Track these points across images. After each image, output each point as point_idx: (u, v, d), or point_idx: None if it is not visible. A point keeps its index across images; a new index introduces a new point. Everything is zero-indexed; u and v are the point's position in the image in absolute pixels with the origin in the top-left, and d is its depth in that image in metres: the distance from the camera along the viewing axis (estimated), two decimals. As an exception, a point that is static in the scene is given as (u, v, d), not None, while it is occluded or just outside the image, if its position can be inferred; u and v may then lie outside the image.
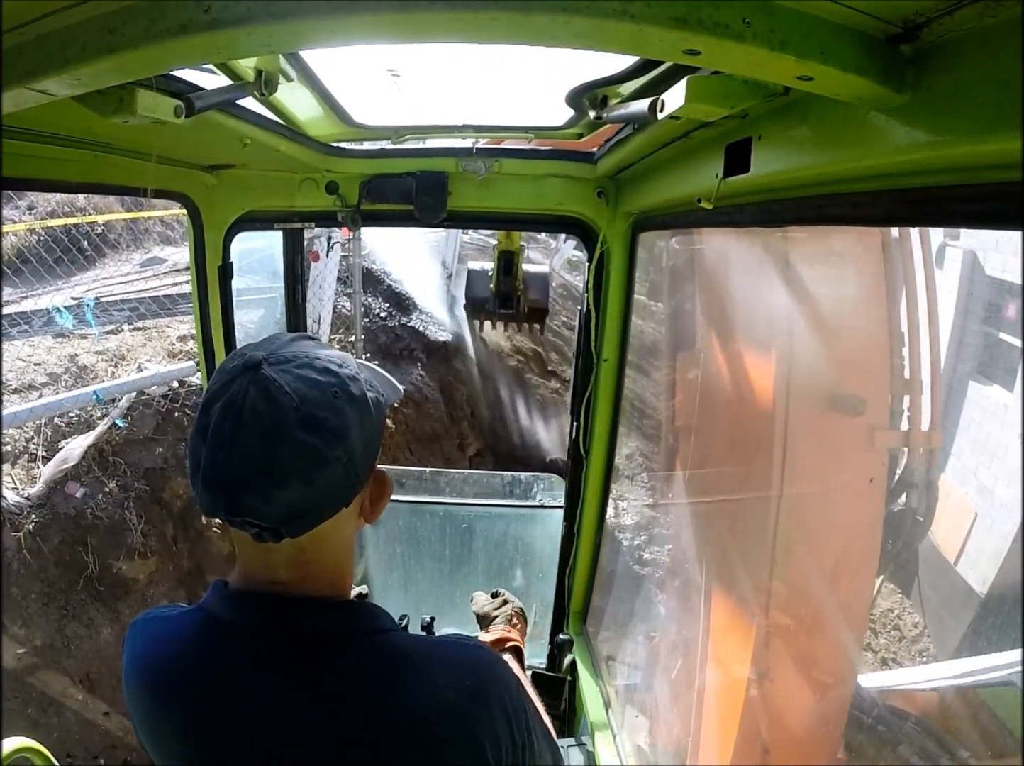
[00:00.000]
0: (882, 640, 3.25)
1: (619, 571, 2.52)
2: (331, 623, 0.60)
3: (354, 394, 0.57)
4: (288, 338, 0.61)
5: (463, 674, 0.60)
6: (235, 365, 0.56)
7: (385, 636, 0.62)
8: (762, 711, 1.33)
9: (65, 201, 5.52)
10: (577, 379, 1.63)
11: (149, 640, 0.64)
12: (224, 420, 0.54)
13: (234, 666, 0.59)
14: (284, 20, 0.47)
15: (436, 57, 0.99)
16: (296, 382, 0.55)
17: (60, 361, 3.84)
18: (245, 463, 0.53)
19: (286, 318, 1.78)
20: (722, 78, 0.63)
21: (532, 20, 0.46)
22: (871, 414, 1.32)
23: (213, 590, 0.63)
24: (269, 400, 0.54)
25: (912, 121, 0.49)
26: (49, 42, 0.54)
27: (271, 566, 0.60)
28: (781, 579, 1.30)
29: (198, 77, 0.82)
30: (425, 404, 5.26)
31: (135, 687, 0.62)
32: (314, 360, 0.57)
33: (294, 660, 0.58)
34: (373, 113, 1.29)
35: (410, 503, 2.34)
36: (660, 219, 1.30)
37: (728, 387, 1.60)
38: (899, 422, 1.40)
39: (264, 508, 0.54)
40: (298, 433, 0.53)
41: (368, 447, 0.59)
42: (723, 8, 0.45)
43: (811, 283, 1.29)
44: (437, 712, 0.57)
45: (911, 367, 1.40)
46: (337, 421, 0.55)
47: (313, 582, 0.60)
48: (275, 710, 0.57)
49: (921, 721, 1.59)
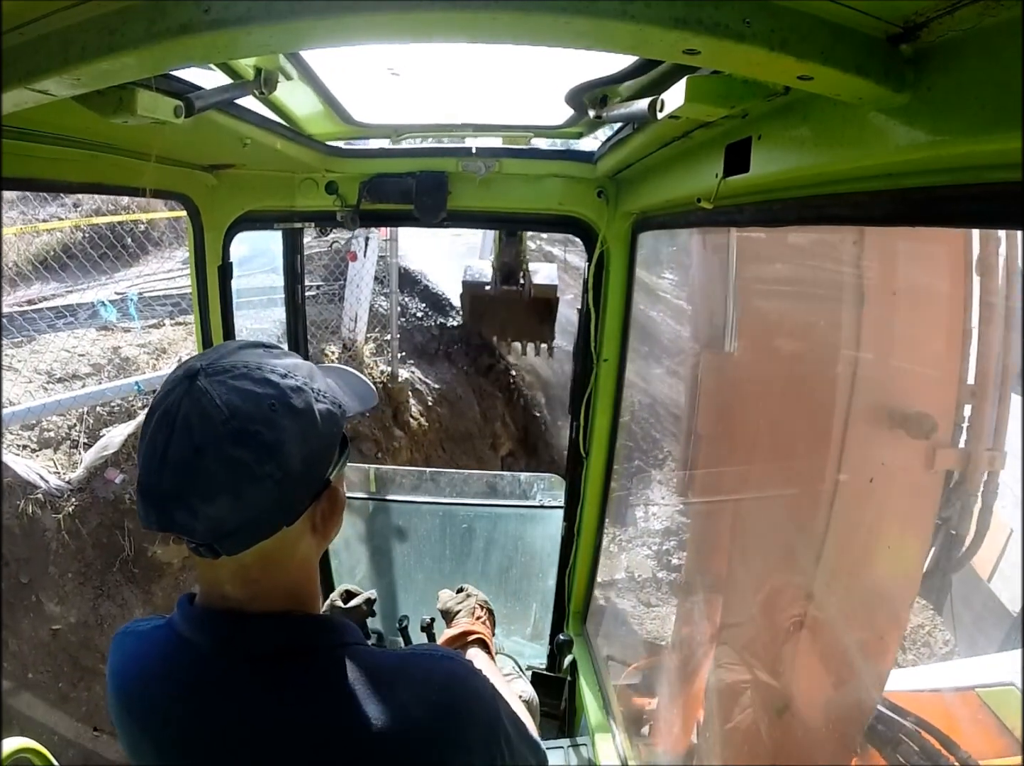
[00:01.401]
0: (911, 656, 3.24)
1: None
2: (290, 639, 0.58)
3: (295, 406, 0.55)
4: (235, 346, 0.59)
5: (431, 690, 0.58)
6: (176, 375, 0.55)
7: (349, 650, 0.59)
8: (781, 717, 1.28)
9: (110, 199, 5.68)
10: (577, 379, 1.63)
11: (124, 655, 0.64)
12: (158, 430, 0.53)
13: (195, 685, 0.58)
14: (284, 20, 0.47)
15: (436, 56, 0.99)
16: (230, 394, 0.53)
17: (103, 353, 4.00)
18: (175, 476, 0.52)
19: (286, 318, 1.78)
20: (722, 78, 0.63)
21: (532, 20, 0.46)
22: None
23: (179, 606, 0.62)
24: (200, 412, 0.52)
25: (912, 121, 0.49)
26: (49, 42, 0.54)
27: (219, 582, 0.59)
28: (819, 608, 1.21)
29: (198, 75, 0.82)
30: (459, 404, 5.31)
31: (113, 701, 0.62)
32: (254, 371, 0.55)
33: (254, 678, 0.57)
34: (373, 111, 1.29)
35: (410, 503, 2.34)
36: (660, 219, 1.30)
37: (777, 394, 1.40)
38: (959, 438, 1.22)
39: (192, 524, 0.52)
40: (227, 447, 0.52)
41: (312, 462, 0.57)
42: (723, 8, 0.45)
43: (876, 273, 1.12)
44: (403, 729, 0.55)
45: (979, 371, 1.21)
46: (271, 435, 0.53)
47: (266, 600, 0.59)
48: (237, 729, 0.56)
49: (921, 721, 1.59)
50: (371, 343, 4.86)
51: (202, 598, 0.60)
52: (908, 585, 1.30)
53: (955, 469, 1.22)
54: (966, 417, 1.22)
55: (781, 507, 1.36)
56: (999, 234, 1.22)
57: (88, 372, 3.85)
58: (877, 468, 1.16)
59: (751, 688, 1.40)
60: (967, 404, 1.22)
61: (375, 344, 4.88)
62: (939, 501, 1.24)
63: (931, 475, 1.18)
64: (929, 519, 1.23)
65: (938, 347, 1.20)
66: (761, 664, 1.37)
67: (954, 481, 1.24)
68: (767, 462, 1.43)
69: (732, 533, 1.56)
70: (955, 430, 1.21)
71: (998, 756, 1.72)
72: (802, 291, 1.37)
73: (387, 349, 4.84)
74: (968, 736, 1.70)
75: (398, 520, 2.37)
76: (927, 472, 1.17)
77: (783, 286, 1.49)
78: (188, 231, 1.46)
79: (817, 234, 1.22)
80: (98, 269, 5.05)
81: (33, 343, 4.00)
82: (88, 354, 3.97)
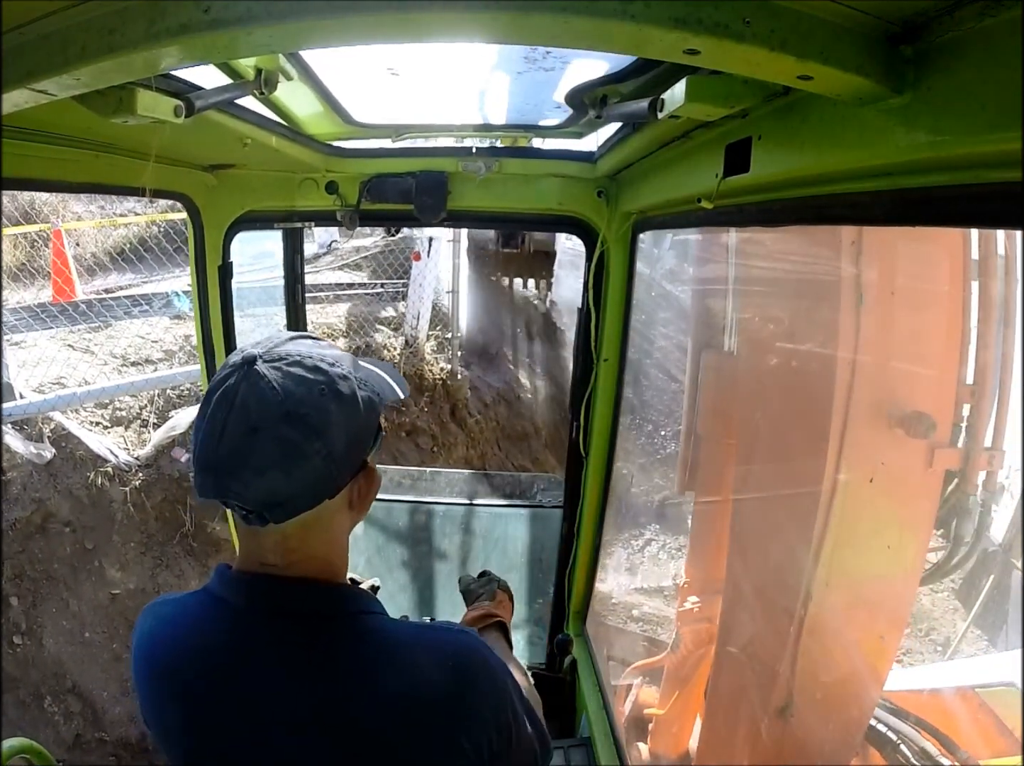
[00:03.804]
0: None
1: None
2: (318, 602, 0.63)
3: (342, 392, 0.60)
4: (287, 336, 0.64)
5: (446, 657, 0.62)
6: (235, 360, 0.60)
7: (371, 618, 0.64)
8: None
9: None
10: (577, 379, 1.63)
11: (157, 620, 0.67)
12: (218, 410, 0.57)
13: (225, 645, 0.61)
14: (284, 20, 0.47)
15: (436, 56, 0.99)
16: (284, 379, 0.58)
17: (175, 340, 4.28)
18: (231, 451, 0.56)
19: (286, 316, 1.78)
20: (722, 78, 0.63)
21: (532, 20, 0.46)
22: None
23: (216, 572, 0.66)
24: (257, 394, 0.57)
25: (912, 121, 0.49)
26: (49, 42, 0.54)
27: (262, 550, 0.63)
28: (819, 608, 1.19)
29: (198, 75, 0.82)
30: (517, 403, 5.39)
31: (141, 666, 0.65)
32: (306, 359, 0.60)
33: (283, 636, 0.60)
34: (373, 111, 1.29)
35: (410, 503, 2.34)
36: (660, 219, 1.30)
37: (775, 394, 1.39)
38: (958, 437, 1.21)
39: (245, 493, 0.57)
40: (280, 427, 0.56)
41: (354, 443, 0.61)
42: (723, 8, 0.45)
43: (875, 273, 1.11)
44: (418, 693, 0.59)
45: (978, 370, 1.20)
46: (319, 417, 0.58)
47: (301, 567, 0.63)
48: (262, 690, 0.59)
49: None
50: (432, 340, 4.99)
51: (241, 564, 0.64)
52: (908, 585, 1.30)
53: (954, 468, 1.22)
54: (964, 416, 1.23)
55: (781, 506, 1.36)
56: (998, 232, 1.21)
57: (160, 357, 4.15)
58: (877, 467, 1.17)
59: (752, 688, 1.39)
60: (966, 403, 1.22)
61: (436, 342, 5.00)
62: (938, 501, 1.25)
63: (930, 475, 1.19)
64: (929, 519, 1.23)
65: (937, 346, 1.20)
66: (761, 664, 1.36)
67: (954, 481, 1.24)
68: (767, 462, 1.43)
69: (732, 533, 1.56)
70: (954, 430, 1.21)
71: (998, 756, 1.72)
72: (797, 291, 1.37)
73: (448, 347, 4.96)
74: (968, 736, 1.70)
75: (398, 520, 2.37)
76: (926, 471, 1.18)
77: (776, 286, 1.49)
78: (188, 231, 1.46)
79: (815, 233, 1.21)
80: (172, 262, 5.35)
81: (109, 329, 4.31)
82: (161, 341, 4.27)
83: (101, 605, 3.35)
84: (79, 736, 3.17)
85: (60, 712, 3.15)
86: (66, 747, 3.12)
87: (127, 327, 4.33)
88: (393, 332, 4.93)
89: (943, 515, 1.27)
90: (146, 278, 5.59)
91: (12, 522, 3.24)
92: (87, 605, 3.32)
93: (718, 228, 1.58)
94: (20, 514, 3.26)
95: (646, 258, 2.20)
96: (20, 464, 3.31)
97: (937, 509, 1.24)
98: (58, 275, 4.90)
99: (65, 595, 3.30)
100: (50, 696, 3.15)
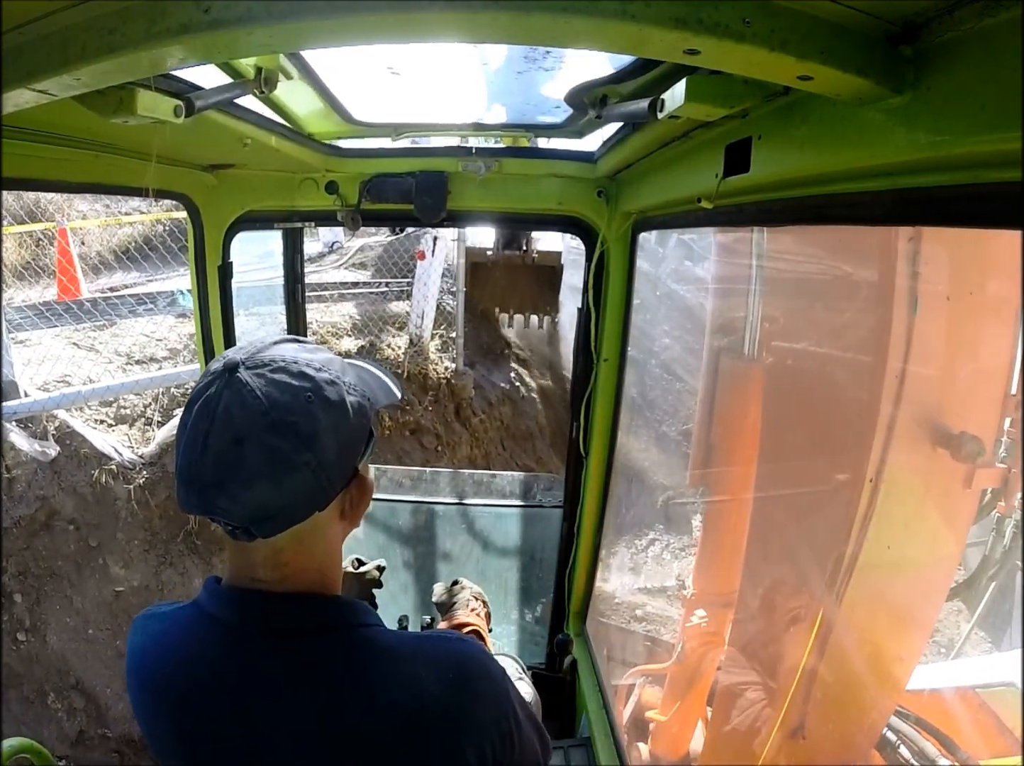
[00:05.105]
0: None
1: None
2: (313, 618, 0.61)
3: (329, 399, 0.57)
4: (271, 341, 0.61)
5: (446, 668, 0.60)
6: (216, 367, 0.57)
7: (368, 630, 0.62)
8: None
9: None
10: (577, 379, 1.63)
11: (147, 635, 0.65)
12: (199, 420, 0.55)
13: (218, 659, 0.60)
14: (284, 20, 0.47)
15: (436, 55, 0.99)
16: (268, 386, 0.55)
17: (180, 338, 4.28)
18: (216, 464, 0.54)
19: (286, 316, 1.78)
20: (722, 78, 0.63)
21: (532, 20, 0.46)
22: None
23: (205, 586, 0.64)
24: (241, 404, 0.54)
25: (912, 121, 0.49)
26: (49, 42, 0.54)
27: (251, 564, 0.61)
28: (844, 626, 1.15)
29: (198, 75, 0.82)
30: (521, 403, 5.38)
31: (133, 681, 0.64)
32: (291, 364, 0.58)
33: (278, 652, 0.59)
34: (373, 110, 1.29)
35: (410, 503, 2.34)
36: (660, 219, 1.30)
37: (807, 403, 1.31)
38: (998, 452, 1.14)
39: (232, 508, 0.55)
40: (266, 437, 0.54)
41: (344, 451, 0.59)
42: (723, 8, 0.45)
43: (933, 275, 1.02)
44: (420, 704, 0.57)
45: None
46: (308, 426, 0.55)
47: (294, 581, 0.61)
48: (257, 701, 0.58)
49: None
50: (436, 339, 4.98)
51: (230, 579, 0.62)
52: (932, 606, 1.24)
53: (995, 486, 1.15)
54: (1006, 430, 1.17)
55: (809, 521, 1.31)
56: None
57: (165, 356, 4.16)
58: (915, 485, 1.11)
59: (763, 706, 1.37)
60: (1007, 417, 1.16)
61: (440, 341, 4.99)
62: (973, 519, 1.19)
63: (968, 494, 1.12)
64: (962, 538, 1.18)
65: (990, 358, 1.10)
66: (775, 682, 1.33)
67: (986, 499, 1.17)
68: (791, 476, 1.37)
69: (751, 545, 1.50)
70: (995, 445, 1.14)
71: (998, 756, 1.71)
72: (838, 293, 1.27)
73: (452, 346, 4.95)
74: (968, 736, 1.69)
75: (398, 520, 2.37)
76: (964, 491, 1.11)
77: (811, 288, 1.38)
78: (188, 231, 1.47)
79: (860, 230, 1.08)
80: (177, 260, 5.37)
81: (114, 327, 4.29)
82: (165, 339, 4.27)
83: (105, 602, 3.36)
84: (82, 732, 3.19)
85: (63, 708, 3.18)
86: (69, 743, 3.14)
87: (132, 325, 4.33)
88: (398, 331, 4.94)
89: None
90: (151, 276, 5.61)
91: (17, 519, 3.26)
92: (91, 602, 3.34)
93: (732, 228, 1.54)
94: (25, 511, 3.27)
95: (652, 258, 2.16)
96: (25, 462, 3.33)
97: (971, 526, 1.18)
98: (63, 273, 4.92)
99: (69, 592, 3.32)
100: (54, 692, 3.18)
